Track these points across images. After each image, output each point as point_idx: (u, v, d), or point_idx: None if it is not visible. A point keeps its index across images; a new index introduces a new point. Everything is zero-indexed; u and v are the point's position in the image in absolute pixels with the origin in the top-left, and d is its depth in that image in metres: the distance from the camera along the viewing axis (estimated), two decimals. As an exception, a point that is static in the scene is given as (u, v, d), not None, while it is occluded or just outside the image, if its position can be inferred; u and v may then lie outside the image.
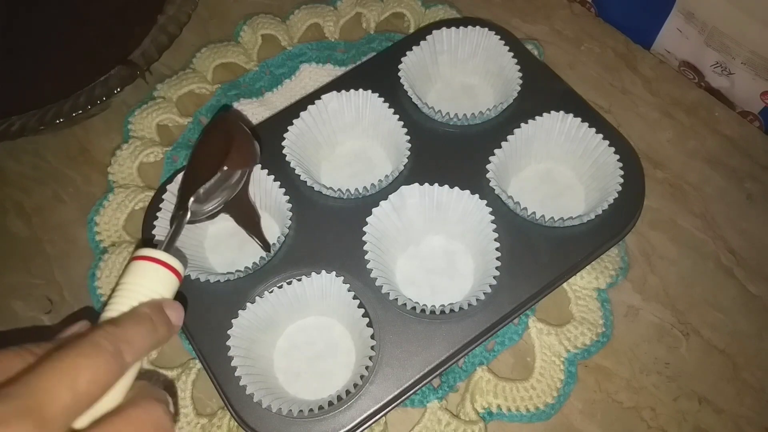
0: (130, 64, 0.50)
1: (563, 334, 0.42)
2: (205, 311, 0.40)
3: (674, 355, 0.42)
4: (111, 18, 0.57)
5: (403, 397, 0.38)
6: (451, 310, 0.39)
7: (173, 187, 0.43)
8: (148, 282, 0.30)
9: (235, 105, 0.52)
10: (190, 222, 0.38)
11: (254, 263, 0.41)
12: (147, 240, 0.42)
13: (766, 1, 0.44)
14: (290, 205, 0.42)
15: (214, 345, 0.38)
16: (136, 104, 0.53)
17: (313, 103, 0.45)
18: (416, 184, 0.42)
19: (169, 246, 0.34)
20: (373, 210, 0.41)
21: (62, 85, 0.51)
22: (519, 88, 0.45)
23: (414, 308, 0.39)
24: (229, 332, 0.37)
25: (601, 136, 0.43)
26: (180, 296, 0.40)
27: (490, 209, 0.40)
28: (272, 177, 0.43)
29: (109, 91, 0.49)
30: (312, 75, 0.54)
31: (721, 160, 0.49)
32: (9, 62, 0.55)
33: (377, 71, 0.48)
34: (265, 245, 0.43)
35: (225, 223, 0.44)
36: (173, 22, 0.53)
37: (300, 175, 0.43)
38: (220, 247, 0.44)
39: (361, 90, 0.45)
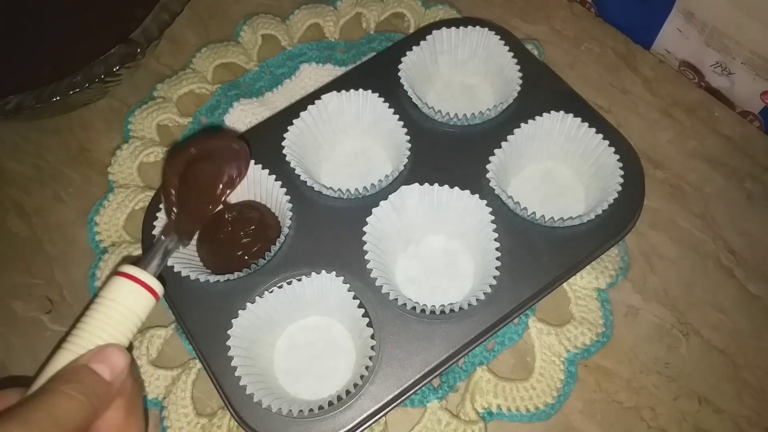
0: (131, 42, 0.49)
1: (563, 334, 0.42)
2: (205, 311, 0.40)
3: (674, 355, 0.42)
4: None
5: (403, 397, 0.38)
6: (451, 310, 0.39)
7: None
8: (125, 300, 0.32)
9: (235, 105, 0.52)
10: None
11: (254, 263, 0.41)
12: (146, 240, 0.42)
13: (766, 1, 0.44)
14: (290, 205, 0.42)
15: (214, 345, 0.38)
16: (136, 104, 0.53)
17: (313, 103, 0.45)
18: (416, 184, 0.42)
19: (157, 270, 0.35)
20: (373, 210, 0.41)
21: (62, 65, 0.49)
22: (519, 88, 0.45)
23: (414, 308, 0.39)
24: (229, 332, 0.37)
25: (601, 136, 0.43)
26: (180, 296, 0.40)
27: (490, 209, 0.40)
28: (273, 177, 0.43)
29: (108, 68, 0.48)
30: (312, 75, 0.54)
31: (721, 160, 0.49)
32: (6, 42, 0.54)
33: (377, 71, 0.48)
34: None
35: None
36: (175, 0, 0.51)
37: (300, 175, 0.43)
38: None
39: (361, 90, 0.45)
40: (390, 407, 0.37)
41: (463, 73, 0.51)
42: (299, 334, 0.41)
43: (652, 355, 0.42)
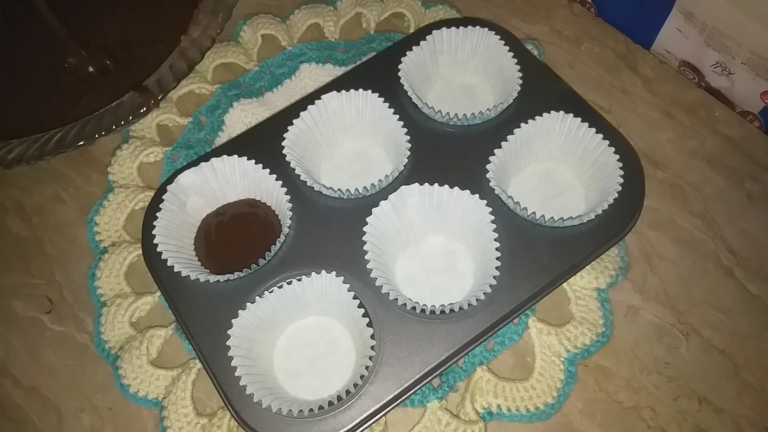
0: (144, 91, 0.48)
1: (563, 334, 0.42)
2: (205, 311, 0.40)
3: (674, 355, 0.42)
4: (131, 34, 0.54)
5: (403, 397, 0.38)
6: (451, 310, 0.39)
7: (173, 187, 0.43)
8: None
9: (235, 105, 0.52)
10: None
11: (254, 264, 0.41)
12: (146, 240, 0.42)
13: (766, 1, 0.44)
14: (290, 205, 0.42)
15: (214, 345, 0.38)
16: (136, 104, 0.53)
17: (313, 103, 0.45)
18: (416, 184, 0.42)
19: None
20: (373, 210, 0.41)
21: (71, 107, 0.49)
22: (519, 88, 0.45)
23: (414, 308, 0.39)
24: (229, 332, 0.37)
25: (601, 136, 0.43)
26: (180, 296, 0.40)
27: (490, 209, 0.40)
28: (274, 176, 0.43)
29: (117, 120, 0.47)
30: (312, 75, 0.54)
31: (721, 160, 0.49)
32: (12, 79, 0.54)
33: (377, 71, 0.48)
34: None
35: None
36: (195, 47, 0.50)
37: (300, 175, 0.43)
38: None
39: (361, 90, 0.45)
40: (390, 407, 0.37)
41: (463, 73, 0.51)
42: (299, 334, 0.41)
43: (652, 355, 0.42)
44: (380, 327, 0.39)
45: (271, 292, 0.39)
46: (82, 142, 0.46)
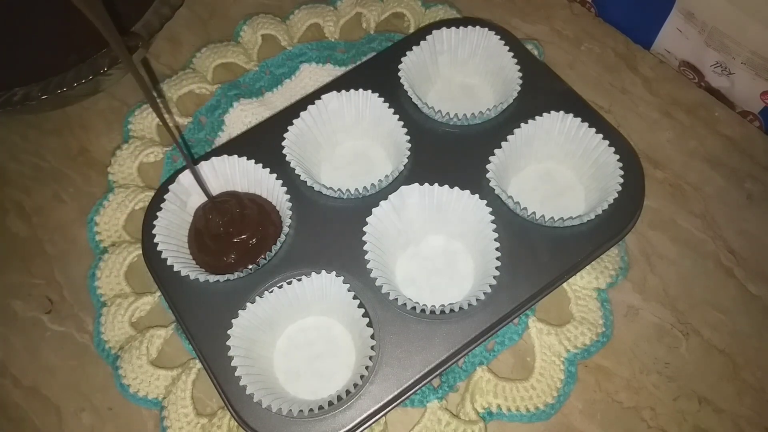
0: (133, 35, 0.50)
1: (563, 334, 0.42)
2: (205, 311, 0.40)
3: (674, 355, 0.42)
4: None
5: (403, 397, 0.38)
6: (451, 310, 0.39)
7: (175, 187, 0.43)
8: None
9: (235, 105, 0.52)
10: None
11: (254, 264, 0.41)
12: (147, 240, 0.42)
13: (766, 1, 0.44)
14: (290, 205, 0.42)
15: (214, 345, 0.38)
16: (136, 104, 0.53)
17: (313, 103, 0.45)
18: (416, 184, 0.42)
19: None
20: (373, 210, 0.41)
21: (64, 58, 0.50)
22: (519, 88, 0.45)
23: (414, 308, 0.39)
24: (229, 332, 0.37)
25: (601, 136, 0.43)
26: (180, 296, 0.40)
27: (490, 209, 0.40)
28: (275, 176, 0.43)
29: (111, 61, 0.48)
30: (312, 75, 0.54)
31: (721, 160, 0.49)
32: (7, 37, 0.54)
33: (377, 71, 0.48)
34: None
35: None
36: None
37: (300, 175, 0.43)
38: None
39: (361, 90, 0.45)
40: (390, 407, 0.37)
41: (463, 73, 0.51)
42: (299, 334, 0.41)
43: (652, 355, 0.42)
44: (380, 327, 0.39)
45: (271, 292, 0.39)
46: (82, 81, 0.47)
